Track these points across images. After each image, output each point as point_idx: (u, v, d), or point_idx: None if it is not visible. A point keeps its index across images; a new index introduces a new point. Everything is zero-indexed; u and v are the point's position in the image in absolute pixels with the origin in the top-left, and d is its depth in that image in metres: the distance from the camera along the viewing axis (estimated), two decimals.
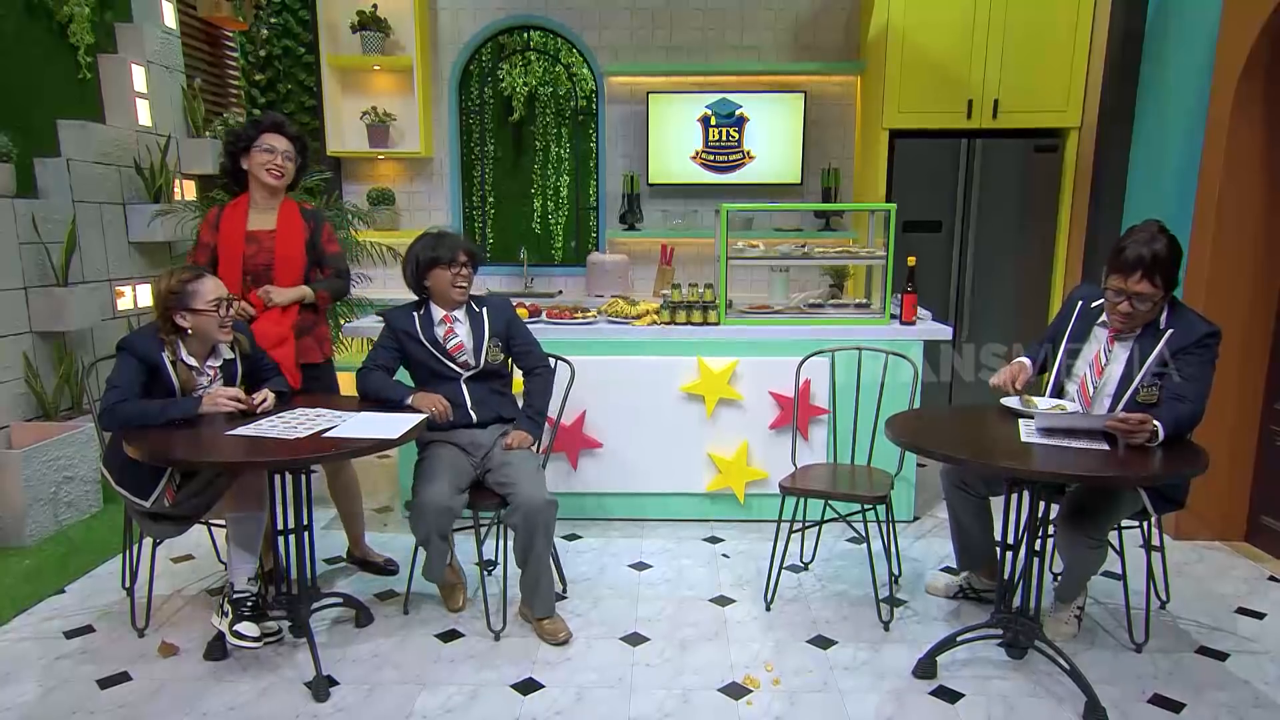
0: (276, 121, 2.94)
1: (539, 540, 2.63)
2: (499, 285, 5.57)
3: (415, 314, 2.89)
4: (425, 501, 2.60)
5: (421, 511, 2.61)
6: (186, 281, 2.49)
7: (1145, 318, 2.44)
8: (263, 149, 2.90)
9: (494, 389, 2.94)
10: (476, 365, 2.88)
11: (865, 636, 2.71)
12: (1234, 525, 3.50)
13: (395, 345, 2.87)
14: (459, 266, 2.82)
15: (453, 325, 2.88)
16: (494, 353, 2.90)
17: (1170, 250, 2.37)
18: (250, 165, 2.91)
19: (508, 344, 2.94)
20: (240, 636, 2.43)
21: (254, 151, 2.90)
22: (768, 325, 3.58)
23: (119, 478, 2.50)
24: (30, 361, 3.62)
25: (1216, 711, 2.32)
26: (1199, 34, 3.50)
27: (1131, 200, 4.00)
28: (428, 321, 2.88)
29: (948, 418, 2.95)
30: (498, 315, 2.94)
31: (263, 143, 2.90)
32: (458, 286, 2.83)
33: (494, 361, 2.91)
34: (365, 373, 2.82)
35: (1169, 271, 2.37)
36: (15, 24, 3.69)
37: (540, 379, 2.97)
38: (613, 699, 2.37)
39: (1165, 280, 2.37)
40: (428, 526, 2.62)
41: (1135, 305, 2.40)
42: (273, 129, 2.92)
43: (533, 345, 2.99)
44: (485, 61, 5.51)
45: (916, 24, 4.60)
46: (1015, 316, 4.87)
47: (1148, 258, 2.34)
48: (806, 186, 5.41)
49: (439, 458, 2.74)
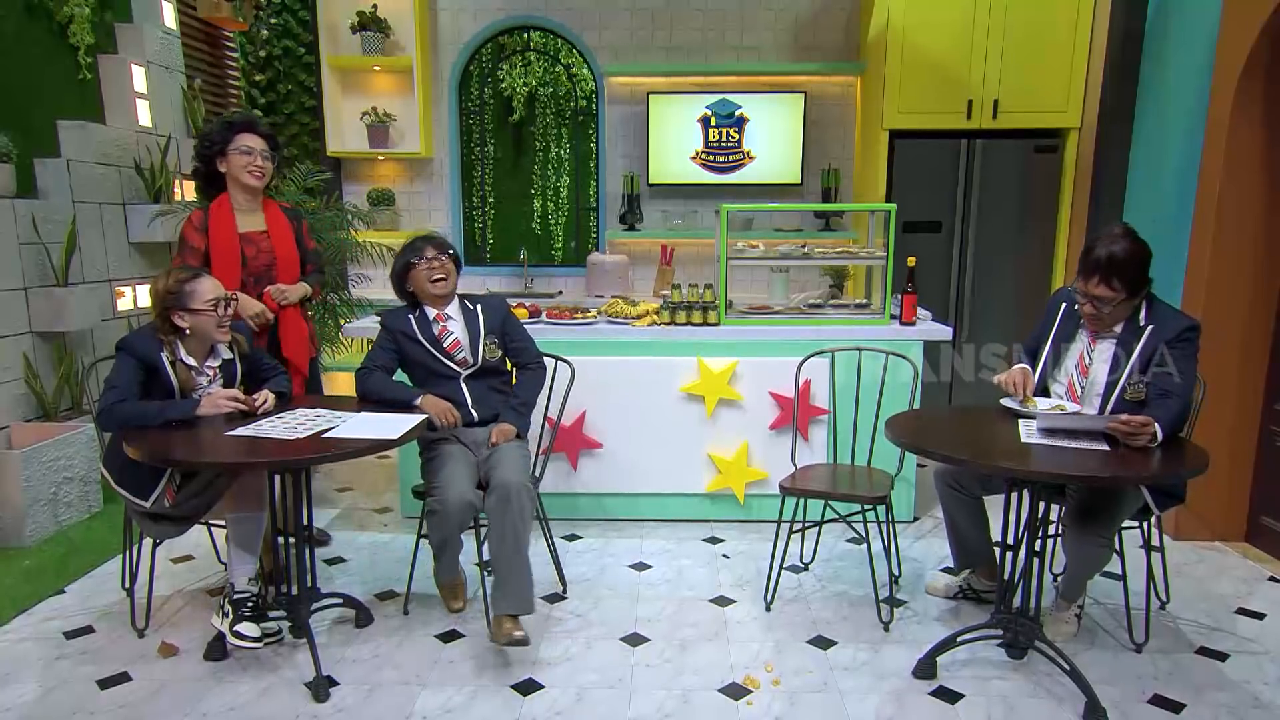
0: (249, 120, 2.93)
1: (513, 524, 2.52)
2: (499, 285, 5.57)
3: (411, 315, 2.90)
4: (449, 499, 2.53)
5: (446, 511, 2.54)
6: (184, 281, 2.49)
7: (1114, 317, 2.46)
8: (240, 150, 2.88)
9: (493, 386, 2.94)
10: (474, 363, 2.89)
11: (865, 637, 2.71)
12: (1234, 526, 3.50)
13: (393, 346, 2.87)
14: (428, 260, 2.83)
15: (446, 323, 2.89)
16: (491, 350, 2.90)
17: (1131, 253, 2.36)
18: (229, 168, 2.90)
19: (504, 341, 2.94)
20: (241, 637, 2.44)
21: (231, 154, 2.88)
22: (768, 325, 3.58)
23: (119, 478, 2.50)
24: (30, 362, 3.62)
25: (1216, 712, 2.32)
26: (1199, 34, 3.50)
27: (1131, 200, 4.00)
28: (424, 322, 2.89)
29: (947, 418, 2.95)
30: (493, 313, 2.96)
31: (239, 144, 2.88)
32: (435, 279, 2.84)
33: (491, 359, 2.91)
34: (365, 374, 2.82)
35: (1130, 274, 2.37)
36: (15, 24, 3.69)
37: (532, 374, 2.98)
38: (613, 699, 2.37)
39: (1126, 283, 2.37)
40: (451, 525, 2.58)
41: (1098, 307, 2.42)
42: (246, 129, 2.90)
43: (528, 343, 3.00)
44: (485, 62, 5.51)
45: (916, 24, 4.60)
46: (1015, 316, 4.87)
47: (1103, 261, 2.36)
48: (806, 187, 5.41)
49: (450, 455, 2.70)
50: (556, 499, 3.66)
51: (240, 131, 2.89)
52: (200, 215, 2.92)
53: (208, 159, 2.92)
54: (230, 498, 2.57)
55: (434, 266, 2.84)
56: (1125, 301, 2.42)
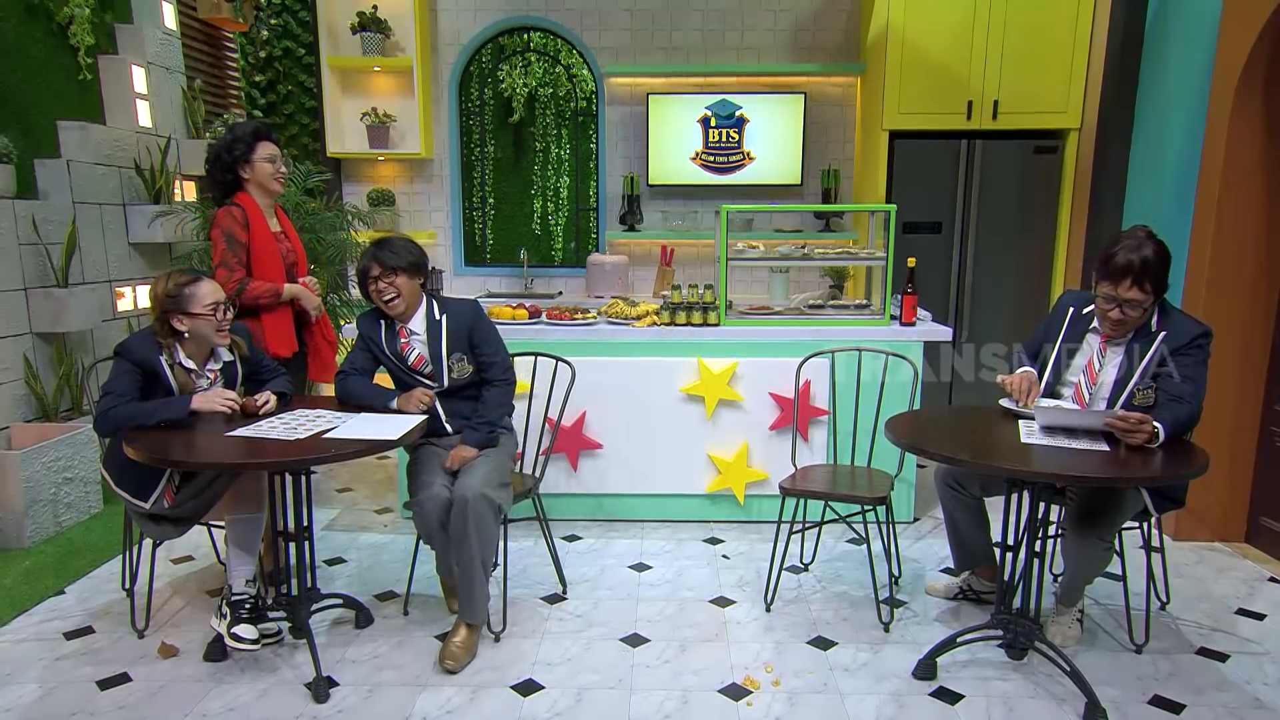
0: (266, 128, 3.00)
1: (468, 536, 2.49)
2: (499, 286, 5.57)
3: (380, 321, 2.80)
4: (423, 499, 2.58)
5: (421, 510, 2.59)
6: (184, 285, 2.49)
7: (1137, 323, 2.45)
8: (265, 158, 2.95)
9: (470, 397, 2.82)
10: (440, 385, 2.77)
11: (865, 637, 2.71)
12: (1234, 526, 3.50)
13: (368, 350, 2.82)
14: (374, 279, 2.69)
15: (409, 339, 2.77)
16: (460, 368, 2.76)
17: (1159, 256, 2.37)
18: (254, 174, 2.95)
19: (472, 354, 2.77)
20: (238, 639, 2.43)
21: (257, 162, 2.94)
22: (768, 326, 3.58)
23: (118, 479, 2.50)
24: (30, 362, 3.62)
25: (1216, 712, 2.32)
26: (1199, 35, 3.51)
27: (1131, 201, 4.00)
28: (390, 334, 2.79)
29: (947, 418, 2.95)
30: (458, 324, 2.76)
31: (262, 152, 2.94)
32: (386, 300, 2.69)
33: (462, 376, 2.77)
34: (343, 377, 2.79)
35: (1159, 276, 2.37)
36: (16, 25, 3.69)
37: (498, 391, 2.79)
38: (613, 700, 2.37)
39: (1155, 286, 2.37)
40: (429, 523, 2.60)
41: (1126, 312, 2.40)
42: (266, 137, 2.97)
43: (496, 356, 2.80)
44: (485, 62, 5.51)
45: (916, 25, 4.60)
46: (1015, 317, 4.87)
47: (1137, 264, 2.34)
48: (806, 187, 5.41)
49: (429, 456, 2.73)
50: (556, 500, 3.66)
51: (262, 140, 2.96)
52: (240, 212, 2.93)
53: (231, 166, 2.96)
54: (229, 499, 2.57)
55: (382, 288, 2.68)
56: (1152, 304, 2.41)
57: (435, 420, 2.76)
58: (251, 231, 2.93)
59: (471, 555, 2.52)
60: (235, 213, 2.91)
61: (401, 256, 2.68)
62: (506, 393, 2.81)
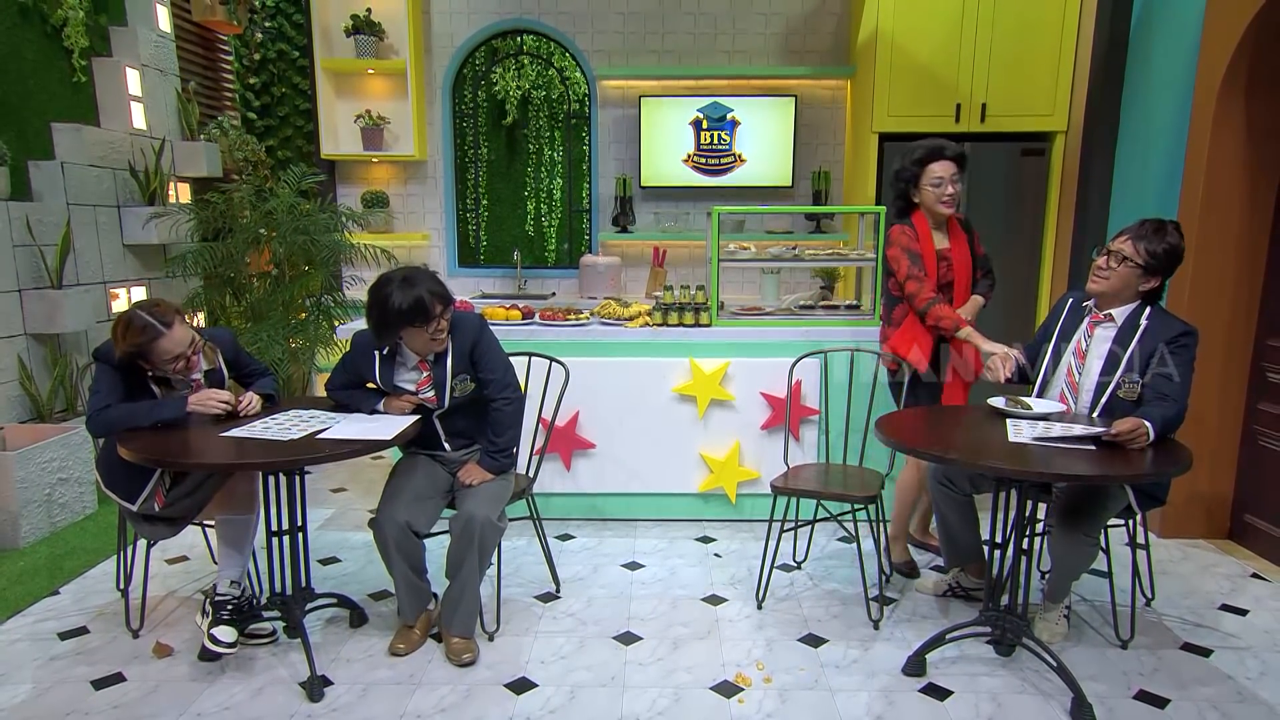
0: (939, 147, 3.04)
1: (471, 556, 2.50)
2: (493, 287, 5.59)
3: (377, 354, 2.63)
4: (382, 520, 2.51)
5: (379, 529, 2.52)
6: (143, 344, 2.38)
7: (1114, 287, 2.50)
8: (931, 182, 3.02)
9: (470, 413, 2.75)
10: (443, 406, 2.67)
11: (856, 635, 2.74)
12: (1218, 523, 3.54)
13: (356, 374, 2.72)
14: (435, 320, 2.49)
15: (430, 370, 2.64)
16: (462, 388, 2.66)
17: (1168, 239, 2.45)
18: (922, 196, 3.05)
19: (474, 372, 2.66)
20: (215, 640, 2.43)
21: (924, 187, 3.03)
22: (759, 327, 3.61)
23: (108, 480, 2.51)
24: (25, 364, 3.63)
25: (1200, 706, 2.35)
26: (1182, 40, 3.55)
27: (1117, 202, 4.05)
28: (388, 368, 2.64)
29: (937, 418, 2.98)
30: (461, 345, 2.63)
31: (930, 175, 3.02)
32: (435, 339, 2.54)
33: (463, 395, 2.67)
34: (331, 391, 2.77)
35: (1158, 256, 2.44)
36: (9, 28, 3.70)
37: (502, 412, 2.66)
38: (605, 698, 2.39)
39: (1149, 259, 2.44)
40: (385, 543, 2.51)
41: (1109, 263, 2.49)
42: (937, 156, 3.02)
43: (498, 372, 2.65)
44: (479, 65, 5.53)
45: (905, 29, 4.64)
46: (1003, 318, 4.90)
47: (1149, 231, 2.46)
48: (797, 189, 5.45)
49: (410, 468, 2.69)
50: (550, 499, 3.68)
51: (931, 161, 3.02)
52: (911, 231, 3.05)
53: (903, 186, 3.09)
54: (219, 499, 2.58)
55: (440, 327, 2.51)
56: (1135, 275, 2.47)
57: (432, 436, 2.74)
58: (923, 247, 3.04)
59: (470, 573, 2.54)
60: (909, 230, 3.05)
61: (442, 285, 2.53)
62: (517, 413, 2.72)
